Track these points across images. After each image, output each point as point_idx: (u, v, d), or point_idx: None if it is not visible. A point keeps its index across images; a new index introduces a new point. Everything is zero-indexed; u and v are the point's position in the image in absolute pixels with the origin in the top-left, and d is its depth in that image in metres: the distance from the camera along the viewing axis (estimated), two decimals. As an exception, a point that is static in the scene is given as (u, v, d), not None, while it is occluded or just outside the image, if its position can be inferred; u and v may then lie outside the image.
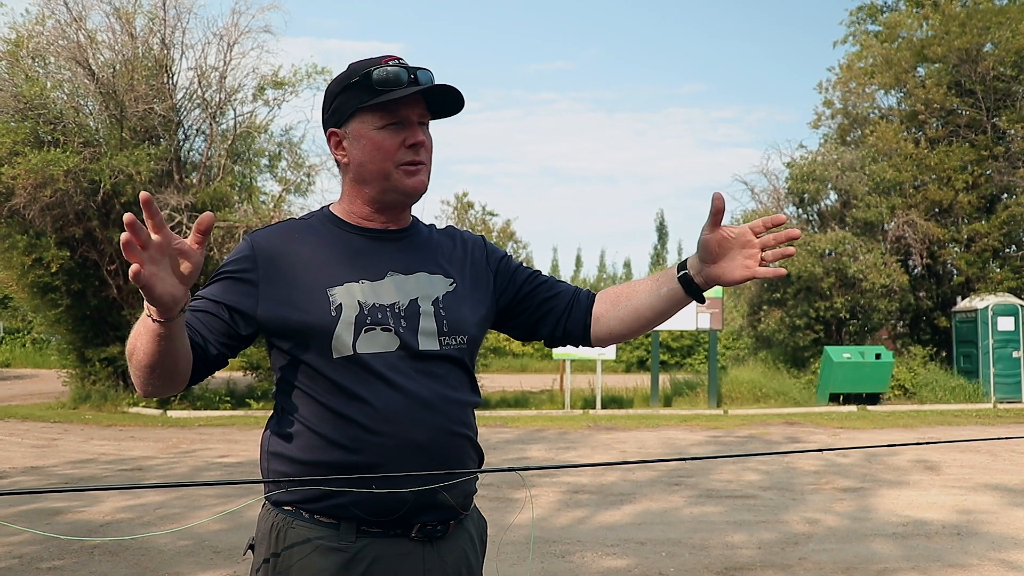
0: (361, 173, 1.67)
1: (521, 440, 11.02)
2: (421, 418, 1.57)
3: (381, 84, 1.61)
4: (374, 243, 1.69)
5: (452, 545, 1.64)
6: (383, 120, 1.63)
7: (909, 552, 5.44)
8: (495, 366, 27.33)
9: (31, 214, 13.08)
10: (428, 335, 1.64)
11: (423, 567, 1.58)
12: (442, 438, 1.60)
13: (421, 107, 1.67)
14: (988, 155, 18.22)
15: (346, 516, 1.55)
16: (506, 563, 5.14)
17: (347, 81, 1.66)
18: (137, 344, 1.47)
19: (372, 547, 1.55)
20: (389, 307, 1.62)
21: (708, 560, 5.24)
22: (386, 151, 1.63)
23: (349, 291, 1.61)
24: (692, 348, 29.86)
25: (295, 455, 1.58)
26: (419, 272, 1.69)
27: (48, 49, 14.35)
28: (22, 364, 29.34)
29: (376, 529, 1.56)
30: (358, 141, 1.65)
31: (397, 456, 1.55)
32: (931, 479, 8.04)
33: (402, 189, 1.66)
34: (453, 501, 1.61)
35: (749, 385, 16.27)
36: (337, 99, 1.67)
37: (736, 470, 8.41)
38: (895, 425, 12.63)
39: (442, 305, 1.68)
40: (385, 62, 1.64)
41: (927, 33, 19.21)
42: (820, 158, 18.13)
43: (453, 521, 1.64)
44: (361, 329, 1.58)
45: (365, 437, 1.54)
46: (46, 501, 6.84)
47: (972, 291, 17.86)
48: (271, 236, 1.67)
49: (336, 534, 1.54)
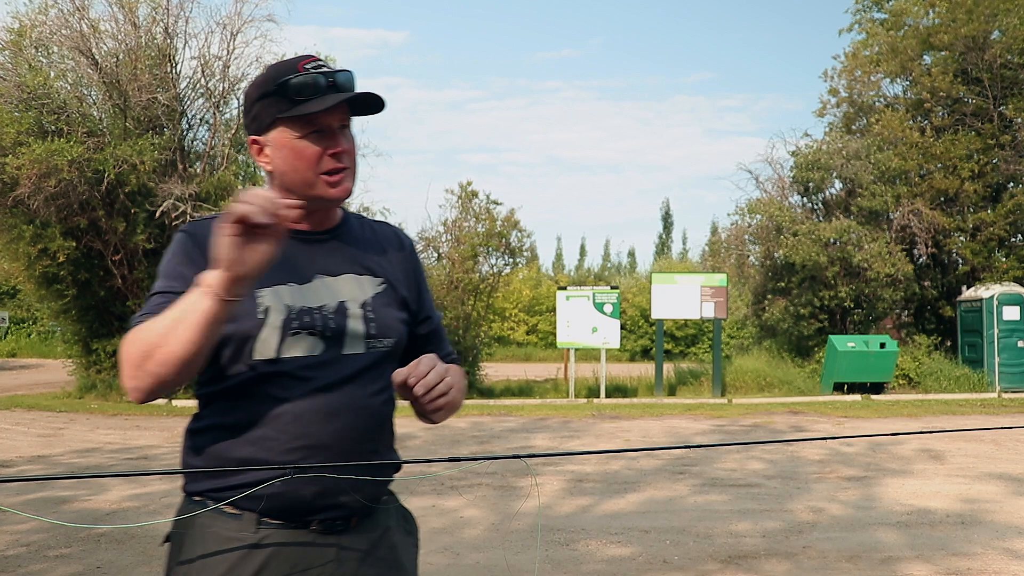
0: (284, 181, 1.64)
1: (525, 429, 11.04)
2: (334, 422, 1.58)
3: (299, 92, 1.58)
4: (302, 245, 1.66)
5: (361, 537, 1.65)
6: (303, 129, 1.60)
7: (913, 541, 5.44)
8: (499, 355, 27.36)
9: (36, 204, 13.09)
10: (355, 338, 1.63)
11: (324, 559, 1.60)
12: (349, 440, 1.60)
13: (342, 112, 1.64)
14: (994, 144, 18.15)
15: (249, 507, 1.56)
16: (511, 551, 5.15)
17: (265, 89, 1.62)
18: (171, 336, 1.43)
19: (272, 538, 1.56)
20: (316, 310, 1.61)
21: (712, 548, 5.25)
22: (308, 160, 1.61)
23: (276, 294, 1.59)
24: (696, 337, 29.87)
25: (213, 452, 1.59)
26: (347, 274, 1.68)
27: (51, 39, 14.35)
28: (28, 354, 29.45)
29: (277, 521, 1.57)
30: (280, 150, 1.62)
31: (303, 456, 1.55)
32: (935, 468, 8.04)
33: (327, 198, 1.64)
34: (355, 500, 1.62)
35: (753, 374, 16.28)
36: (255, 107, 1.64)
37: (740, 459, 8.42)
38: (899, 414, 12.63)
39: (370, 307, 1.67)
40: (302, 66, 1.61)
41: (933, 21, 19.10)
42: (825, 147, 18.06)
43: (355, 517, 1.64)
44: (287, 333, 1.57)
45: (277, 438, 1.55)
46: (53, 489, 6.87)
47: (977, 280, 17.82)
48: (205, 230, 1.61)
49: (238, 524, 1.56)
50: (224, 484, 1.56)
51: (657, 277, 16.09)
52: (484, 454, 8.74)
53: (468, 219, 16.40)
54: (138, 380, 1.47)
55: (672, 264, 41.81)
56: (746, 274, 19.68)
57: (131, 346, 1.48)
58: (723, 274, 16.06)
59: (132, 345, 1.48)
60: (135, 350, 1.47)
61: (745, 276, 19.79)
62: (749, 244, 19.30)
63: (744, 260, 19.50)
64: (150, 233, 14.06)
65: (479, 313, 16.47)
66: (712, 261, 20.63)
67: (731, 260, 19.68)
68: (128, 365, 1.48)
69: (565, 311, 15.21)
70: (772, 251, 17.92)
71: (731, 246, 19.78)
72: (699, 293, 15.41)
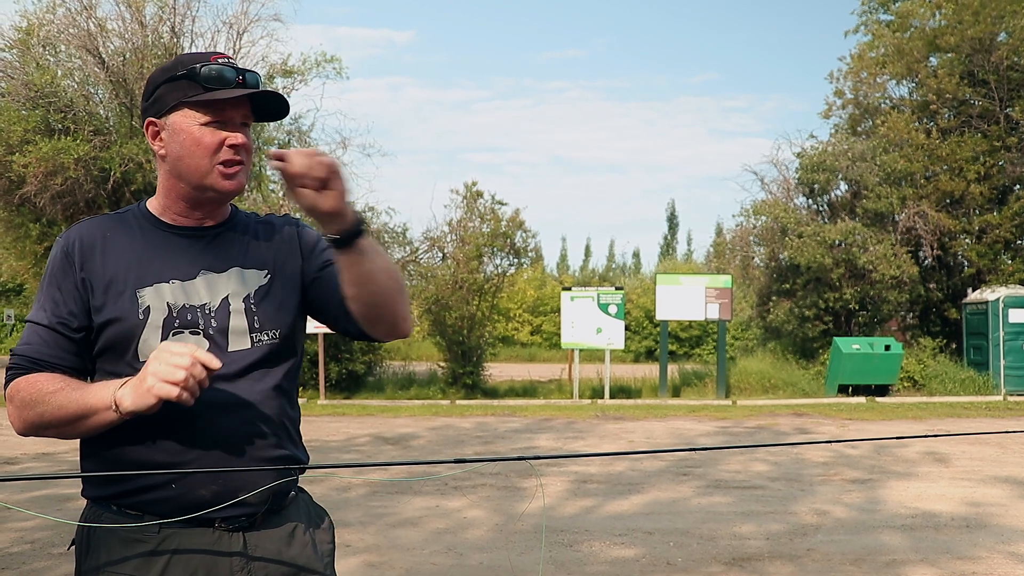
0: (177, 167, 1.63)
1: (529, 429, 11.04)
2: (227, 419, 1.59)
3: (208, 81, 1.59)
4: (187, 241, 1.67)
5: (270, 533, 1.65)
6: (206, 117, 1.60)
7: (918, 544, 5.43)
8: (503, 355, 27.37)
9: (42, 202, 13.13)
10: (239, 334, 1.63)
11: (230, 556, 1.60)
12: (240, 437, 1.60)
13: (246, 109, 1.64)
14: (1000, 146, 18.10)
15: (149, 510, 1.57)
16: (515, 552, 5.15)
17: (173, 72, 1.62)
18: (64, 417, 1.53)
19: (175, 538, 1.57)
20: (199, 308, 1.61)
21: (716, 550, 5.25)
22: (205, 147, 1.60)
23: (159, 292, 1.60)
24: (701, 338, 29.84)
25: (105, 455, 1.60)
26: (232, 268, 1.67)
27: (59, 37, 14.38)
28: (33, 351, 29.49)
29: (178, 522, 1.57)
30: (177, 135, 1.61)
31: (196, 456, 1.56)
32: (940, 471, 8.02)
33: (219, 189, 1.63)
34: (257, 497, 1.61)
35: (758, 376, 16.26)
36: (160, 89, 1.63)
37: (745, 461, 8.41)
38: (904, 417, 12.60)
39: (253, 301, 1.66)
40: (214, 59, 1.62)
41: (940, 22, 19.06)
42: (831, 148, 18.05)
43: (259, 513, 1.64)
44: (169, 331, 1.58)
45: (166, 437, 1.56)
46: (57, 487, 6.89)
47: (983, 283, 17.78)
48: (82, 234, 1.64)
49: (140, 525, 1.57)
50: (124, 489, 1.58)
51: (662, 278, 16.08)
52: (488, 455, 8.74)
53: (473, 219, 16.41)
54: (19, 425, 1.57)
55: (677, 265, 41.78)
56: (751, 275, 19.67)
57: (22, 394, 1.54)
58: (728, 275, 16.04)
59: (24, 393, 1.54)
60: (26, 398, 1.54)
61: (750, 277, 19.78)
62: (754, 245, 19.29)
63: (749, 261, 19.49)
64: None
65: (483, 313, 16.47)
66: (717, 262, 20.65)
67: (736, 261, 19.66)
68: (12, 406, 1.56)
69: (569, 312, 15.21)
70: (777, 252, 17.90)
71: (736, 247, 19.77)
72: (704, 294, 15.40)
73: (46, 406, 1.51)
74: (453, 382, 15.87)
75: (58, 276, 1.62)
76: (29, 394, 1.53)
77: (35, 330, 1.60)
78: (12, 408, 1.56)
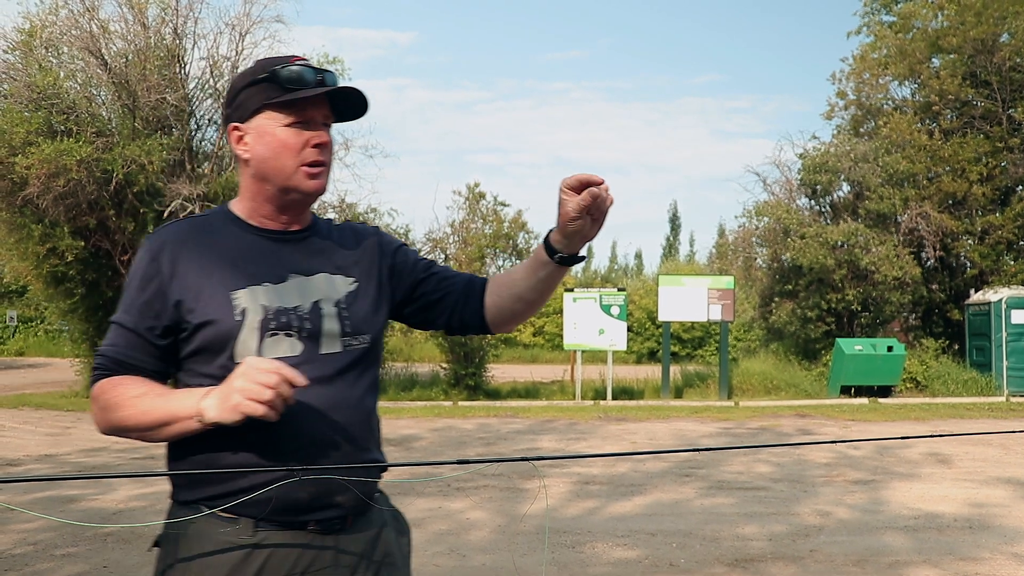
0: (263, 170, 1.64)
1: (531, 431, 11.04)
2: (319, 421, 1.58)
3: (289, 82, 1.60)
4: (275, 245, 1.67)
5: (357, 536, 1.65)
6: (289, 118, 1.62)
7: (921, 545, 5.42)
8: (505, 356, 27.37)
9: (45, 204, 13.13)
10: (331, 337, 1.64)
11: (322, 559, 1.59)
12: (339, 439, 1.60)
13: (326, 109, 1.66)
14: (1003, 147, 18.09)
15: (244, 512, 1.55)
16: (518, 553, 5.15)
17: (254, 77, 1.64)
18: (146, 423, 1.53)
19: (270, 539, 1.56)
20: (292, 310, 1.61)
21: (719, 552, 5.24)
22: (290, 149, 1.62)
23: (253, 294, 1.59)
24: (703, 339, 29.81)
25: (202, 459, 1.58)
26: (320, 273, 1.68)
27: (61, 39, 14.40)
28: (36, 353, 29.57)
29: (272, 524, 1.56)
30: (262, 137, 1.63)
31: (294, 458, 1.55)
32: (943, 472, 8.01)
33: (302, 189, 1.64)
34: (349, 500, 1.62)
35: (760, 377, 16.24)
36: (242, 94, 1.65)
37: (747, 462, 8.40)
38: (907, 418, 12.58)
39: (344, 306, 1.67)
40: (293, 61, 1.63)
41: (942, 23, 19.05)
42: (833, 149, 18.03)
43: (350, 516, 1.64)
44: (265, 334, 1.57)
45: (265, 440, 1.55)
46: (60, 488, 6.90)
47: (986, 284, 17.76)
48: (170, 237, 1.64)
49: (234, 529, 1.55)
50: (220, 491, 1.56)
51: (664, 279, 16.07)
52: (491, 456, 8.74)
53: (475, 220, 16.41)
54: (102, 425, 1.59)
55: (679, 266, 41.74)
56: (753, 276, 19.66)
57: (106, 396, 1.55)
58: (730, 276, 16.03)
59: (108, 395, 1.55)
60: (110, 401, 1.55)
61: (752, 279, 19.77)
62: (756, 246, 19.28)
63: (751, 262, 19.48)
64: (158, 233, 14.08)
65: (486, 314, 16.42)
66: (719, 263, 20.63)
67: (738, 262, 19.66)
68: (96, 407, 1.58)
69: (572, 313, 15.20)
70: (779, 254, 17.89)
71: (738, 248, 19.77)
72: (706, 295, 15.39)
73: (130, 410, 1.52)
74: (456, 383, 15.86)
75: (145, 280, 1.61)
76: (112, 397, 1.54)
77: (120, 332, 1.60)
78: (96, 408, 1.58)
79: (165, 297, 1.58)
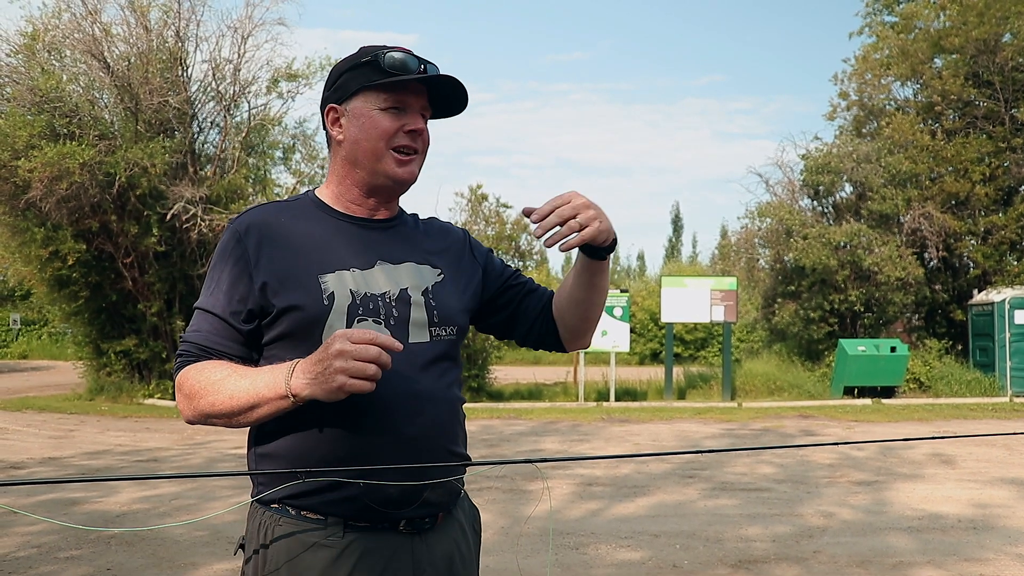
0: (354, 151, 1.62)
1: (535, 432, 11.03)
2: (411, 412, 1.54)
3: (391, 67, 1.59)
4: (362, 231, 1.65)
5: (441, 536, 1.61)
6: (387, 102, 1.61)
7: (925, 546, 5.41)
8: (509, 358, 27.33)
9: (47, 207, 13.15)
10: (419, 326, 1.60)
11: (412, 559, 1.56)
12: (431, 432, 1.56)
13: (424, 100, 1.65)
14: (1005, 147, 18.06)
15: (333, 512, 1.51)
16: (521, 554, 5.15)
17: (357, 60, 1.63)
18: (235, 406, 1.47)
19: (360, 541, 1.52)
20: (380, 296, 1.58)
21: (722, 553, 5.24)
22: (384, 131, 1.60)
23: (341, 279, 1.56)
24: (706, 341, 29.77)
25: (284, 453, 1.53)
26: (408, 262, 1.66)
27: (64, 42, 14.42)
28: (39, 356, 29.59)
29: (363, 523, 1.52)
30: (357, 119, 1.62)
31: (386, 451, 1.51)
32: (947, 473, 8.00)
33: (392, 175, 1.63)
34: (440, 496, 1.59)
35: (763, 378, 16.23)
36: (343, 76, 1.64)
37: (750, 463, 8.39)
38: (910, 419, 12.56)
39: (432, 295, 1.65)
40: (397, 49, 1.63)
41: (944, 24, 19.03)
42: (835, 150, 18.02)
43: (441, 513, 1.62)
44: (354, 319, 1.54)
45: (354, 432, 1.50)
46: (63, 491, 6.90)
47: (989, 284, 17.73)
48: (255, 220, 1.61)
49: (323, 530, 1.51)
50: (305, 489, 1.51)
51: (667, 280, 16.06)
52: (494, 457, 8.74)
53: (478, 222, 16.41)
54: (188, 414, 1.53)
55: (682, 267, 41.71)
56: (756, 277, 19.64)
57: (191, 382, 1.51)
58: (733, 277, 16.01)
59: (192, 382, 1.50)
60: (196, 387, 1.50)
61: (755, 279, 19.75)
62: (759, 247, 19.27)
63: (754, 263, 19.46)
64: (161, 236, 14.11)
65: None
66: (722, 264, 20.61)
67: (741, 263, 19.64)
68: (181, 395, 1.53)
69: (574, 314, 15.16)
70: (782, 254, 17.87)
71: (741, 249, 19.75)
72: (709, 296, 15.37)
73: (216, 395, 1.47)
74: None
75: (229, 263, 1.57)
76: (198, 382, 1.49)
77: (205, 317, 1.57)
78: (181, 397, 1.53)
79: (250, 280, 1.55)
